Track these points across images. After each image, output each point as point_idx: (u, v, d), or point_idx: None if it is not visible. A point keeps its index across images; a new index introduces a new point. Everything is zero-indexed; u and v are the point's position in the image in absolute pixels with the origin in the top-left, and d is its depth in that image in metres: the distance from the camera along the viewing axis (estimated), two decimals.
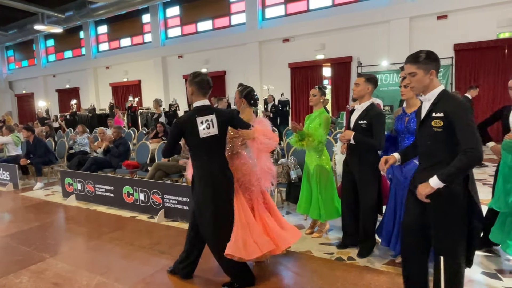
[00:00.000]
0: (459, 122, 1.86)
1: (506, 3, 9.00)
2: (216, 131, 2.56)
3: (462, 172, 1.88)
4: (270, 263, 3.12)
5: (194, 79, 2.58)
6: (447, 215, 1.97)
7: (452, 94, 2.00)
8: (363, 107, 3.04)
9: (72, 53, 19.61)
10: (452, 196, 1.94)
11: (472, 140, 1.82)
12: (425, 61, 1.98)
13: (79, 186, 5.42)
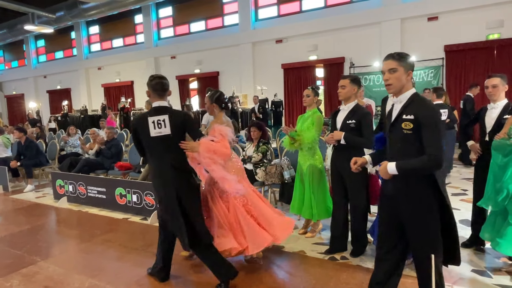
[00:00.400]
0: (427, 127, 1.89)
1: (494, 5, 9.15)
2: (169, 131, 2.58)
3: (417, 171, 1.93)
4: (263, 264, 3.12)
5: (150, 82, 2.68)
6: (417, 216, 1.98)
7: (423, 98, 2.02)
8: (349, 108, 3.07)
9: (63, 54, 19.41)
10: (420, 197, 1.97)
11: (436, 146, 1.86)
12: (406, 60, 2.00)
13: (71, 188, 5.37)
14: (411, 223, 2.01)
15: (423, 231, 1.99)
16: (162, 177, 2.62)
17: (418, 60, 10.05)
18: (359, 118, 2.98)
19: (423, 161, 1.88)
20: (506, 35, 9.16)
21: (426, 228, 1.98)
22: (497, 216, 2.70)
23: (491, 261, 2.98)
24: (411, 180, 1.97)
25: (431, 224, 1.98)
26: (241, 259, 3.19)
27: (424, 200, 1.97)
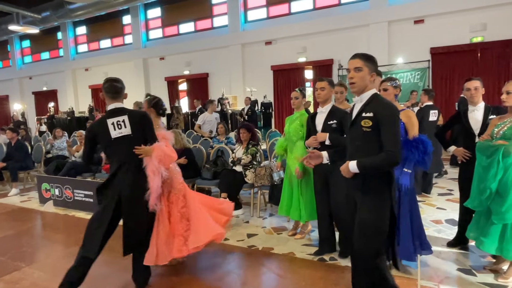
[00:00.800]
0: (386, 124, 1.94)
1: (478, 9, 9.37)
2: (129, 131, 2.57)
3: (376, 168, 1.98)
4: (252, 266, 3.12)
5: (103, 85, 2.66)
6: (371, 211, 2.03)
7: (383, 98, 2.07)
8: (328, 109, 3.12)
9: (49, 55, 19.06)
10: (376, 193, 2.03)
11: (393, 143, 1.91)
12: (372, 61, 2.06)
13: (57, 191, 5.27)
14: (363, 218, 2.05)
15: (373, 228, 2.02)
16: (121, 179, 2.56)
17: (405, 62, 10.24)
18: (339, 119, 3.02)
19: (381, 158, 1.94)
20: (489, 38, 9.39)
21: (377, 224, 2.02)
22: (481, 216, 2.76)
23: (476, 259, 3.04)
24: (367, 177, 2.03)
25: (382, 222, 2.03)
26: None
27: (378, 197, 2.02)
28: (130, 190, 2.56)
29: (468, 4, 9.39)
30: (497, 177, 2.52)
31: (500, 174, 2.52)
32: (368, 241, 2.03)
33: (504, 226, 2.57)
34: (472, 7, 9.37)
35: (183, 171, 4.81)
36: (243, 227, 4.14)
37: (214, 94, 13.41)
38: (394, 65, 10.29)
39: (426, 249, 2.80)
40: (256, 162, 4.59)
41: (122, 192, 2.55)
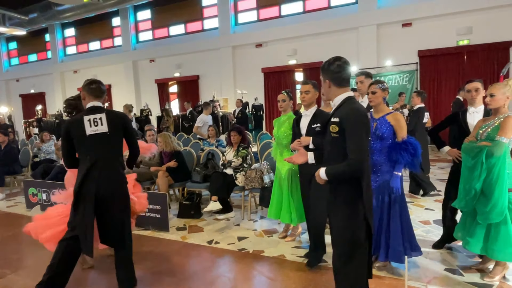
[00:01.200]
0: (349, 130, 1.87)
1: (464, 13, 9.57)
2: (106, 129, 2.56)
3: (341, 175, 1.92)
4: (242, 269, 3.11)
5: (89, 85, 2.66)
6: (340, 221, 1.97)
7: (353, 101, 1.98)
8: (312, 112, 3.08)
9: (37, 57, 18.78)
10: (344, 202, 1.95)
11: (355, 150, 1.84)
12: (324, 70, 2.05)
13: (44, 196, 5.18)
14: (334, 228, 2.01)
15: (344, 238, 1.95)
16: (95, 177, 2.52)
17: (393, 64, 10.37)
18: (323, 122, 2.99)
19: (345, 166, 1.87)
20: (475, 41, 9.59)
21: (347, 234, 1.94)
22: (467, 216, 2.81)
23: (463, 259, 3.09)
24: (338, 185, 1.98)
25: (353, 232, 1.93)
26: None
27: (349, 206, 1.94)
28: (106, 188, 2.53)
29: (454, 8, 9.58)
30: (481, 177, 2.57)
31: (484, 175, 2.57)
32: (339, 250, 1.99)
33: (488, 226, 2.62)
34: (458, 10, 9.57)
35: (173, 174, 4.83)
36: (234, 230, 4.13)
37: (205, 97, 13.38)
38: (383, 67, 10.42)
39: (415, 250, 2.83)
40: (247, 165, 4.59)
41: (97, 190, 2.52)
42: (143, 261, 3.36)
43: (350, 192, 1.93)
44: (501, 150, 2.52)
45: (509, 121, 2.56)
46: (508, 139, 2.55)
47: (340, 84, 2.01)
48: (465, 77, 9.74)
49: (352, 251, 1.94)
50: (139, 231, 4.19)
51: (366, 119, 1.91)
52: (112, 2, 12.64)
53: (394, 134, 2.78)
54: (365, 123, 1.89)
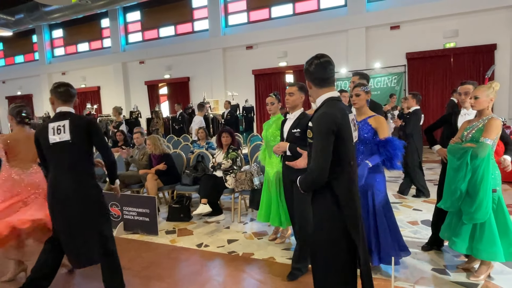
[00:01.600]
0: (314, 136, 1.77)
1: (450, 16, 9.75)
2: (68, 137, 2.45)
3: (305, 185, 1.81)
4: (231, 273, 3.10)
5: (57, 89, 2.56)
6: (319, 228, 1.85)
7: (329, 104, 1.84)
8: (296, 116, 2.92)
9: (24, 58, 18.46)
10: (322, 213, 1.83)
11: (314, 159, 1.73)
12: (305, 70, 1.93)
13: None
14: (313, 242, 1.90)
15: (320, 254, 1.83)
16: (60, 190, 2.46)
17: (382, 66, 10.50)
18: (304, 127, 2.71)
19: (306, 175, 1.77)
20: (461, 44, 9.77)
21: (324, 250, 1.81)
22: (453, 216, 2.86)
23: (449, 259, 3.13)
24: (313, 195, 1.86)
25: (329, 248, 1.81)
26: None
27: (324, 214, 1.81)
28: (69, 199, 2.44)
29: (441, 12, 9.75)
30: (466, 178, 2.62)
31: (469, 176, 2.61)
32: (313, 262, 1.92)
33: (474, 226, 2.67)
34: (445, 14, 9.74)
35: (163, 177, 4.80)
36: (224, 232, 4.11)
37: (196, 98, 13.34)
38: (372, 69, 10.54)
39: (404, 250, 2.86)
40: (237, 167, 4.58)
41: (61, 199, 2.46)
42: (132, 265, 3.32)
43: (325, 202, 1.80)
44: (485, 152, 2.57)
45: (492, 123, 2.63)
46: (492, 141, 2.61)
47: (320, 85, 1.88)
48: (451, 79, 9.93)
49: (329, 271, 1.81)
50: (128, 235, 4.14)
51: (336, 125, 1.72)
52: (101, 3, 12.50)
53: (375, 137, 2.80)
54: (333, 130, 1.71)
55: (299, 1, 11.93)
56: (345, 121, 1.76)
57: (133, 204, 4.17)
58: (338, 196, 1.75)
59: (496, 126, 2.62)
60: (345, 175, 1.78)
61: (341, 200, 1.75)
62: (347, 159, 1.79)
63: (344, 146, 1.76)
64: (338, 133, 1.72)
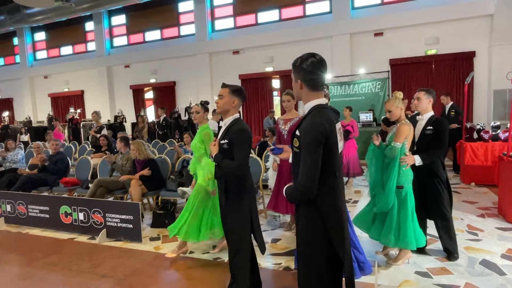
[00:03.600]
0: (302, 147, 1.64)
1: (432, 23, 10.02)
2: None
3: (292, 198, 1.73)
4: (217, 277, 3.07)
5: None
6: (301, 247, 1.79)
7: (319, 112, 1.68)
8: (226, 124, 2.51)
9: (4, 61, 17.97)
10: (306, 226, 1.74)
11: (303, 171, 1.61)
12: (296, 68, 1.74)
13: (9, 207, 4.92)
14: (297, 256, 1.84)
15: (304, 266, 1.76)
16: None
17: (366, 72, 10.67)
18: (230, 136, 2.42)
19: (293, 189, 1.68)
20: (442, 51, 10.05)
21: (307, 262, 1.74)
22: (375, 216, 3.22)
23: (432, 262, 3.19)
24: (299, 207, 1.78)
25: (312, 265, 1.72)
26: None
27: (306, 231, 1.73)
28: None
29: (423, 19, 10.01)
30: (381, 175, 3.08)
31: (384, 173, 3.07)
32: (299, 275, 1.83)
33: (381, 215, 3.09)
34: (426, 21, 10.00)
35: (147, 183, 4.73)
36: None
37: (182, 103, 13.24)
38: (356, 75, 10.71)
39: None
40: None
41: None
42: (114, 273, 3.24)
43: (309, 214, 1.70)
44: (393, 153, 2.95)
45: (400, 128, 2.98)
46: (400, 144, 2.94)
47: (313, 87, 1.72)
48: (433, 84, 10.17)
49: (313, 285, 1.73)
50: (111, 242, 4.05)
51: (324, 136, 1.61)
52: (85, 6, 12.31)
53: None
54: (320, 141, 1.60)
55: (285, 7, 12.04)
56: (332, 131, 1.66)
57: (116, 210, 4.09)
58: (323, 208, 1.67)
59: (403, 131, 2.95)
60: (331, 186, 1.69)
61: (325, 212, 1.67)
62: (333, 170, 1.69)
63: (331, 156, 1.66)
64: (325, 144, 1.63)
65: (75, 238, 4.29)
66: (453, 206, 4.71)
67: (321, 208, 1.66)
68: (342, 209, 1.75)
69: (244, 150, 2.40)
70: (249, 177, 2.52)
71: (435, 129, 3.04)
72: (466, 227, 4.01)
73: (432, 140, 3.05)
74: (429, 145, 3.04)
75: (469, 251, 3.38)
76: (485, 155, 5.93)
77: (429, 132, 3.07)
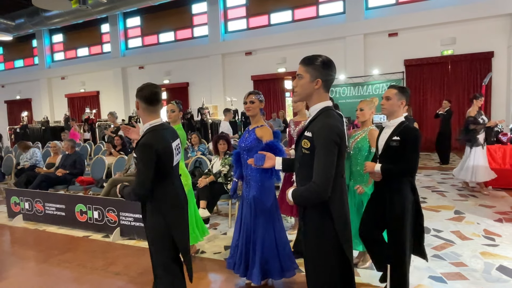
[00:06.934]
0: (318, 148, 1.60)
1: (448, 23, 9.83)
2: None
3: (303, 200, 1.68)
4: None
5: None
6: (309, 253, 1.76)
7: (329, 114, 1.68)
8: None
9: (24, 62, 18.50)
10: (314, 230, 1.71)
11: (319, 173, 1.58)
12: (316, 66, 1.68)
13: (27, 205, 5.06)
14: (306, 260, 1.80)
15: (314, 273, 1.73)
16: None
17: (380, 73, 10.55)
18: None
19: (306, 189, 1.62)
20: (458, 51, 9.84)
21: (317, 271, 1.72)
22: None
23: (446, 267, 3.12)
24: (306, 210, 1.74)
25: (324, 266, 1.70)
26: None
27: (317, 236, 1.70)
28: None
29: (438, 19, 9.83)
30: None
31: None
32: (307, 278, 1.79)
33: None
34: (442, 21, 9.82)
35: None
36: (221, 239, 4.10)
37: (194, 104, 13.35)
38: (370, 76, 10.59)
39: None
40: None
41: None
42: (128, 271, 3.30)
43: (318, 219, 1.68)
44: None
45: (372, 134, 2.90)
46: (374, 148, 2.77)
47: (328, 88, 1.73)
48: (449, 86, 9.99)
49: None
50: (124, 241, 4.12)
51: (339, 137, 1.61)
52: (101, 8, 12.58)
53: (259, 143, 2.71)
54: (337, 142, 1.60)
55: (298, 8, 12.02)
56: (344, 133, 1.67)
57: (130, 209, 4.16)
58: (333, 209, 1.66)
59: (375, 136, 2.68)
60: (340, 187, 1.69)
61: (335, 213, 1.66)
62: (342, 171, 1.70)
63: (341, 158, 1.66)
64: (339, 145, 1.62)
65: (89, 236, 4.38)
66: (470, 210, 4.67)
67: (332, 209, 1.65)
68: (348, 210, 1.77)
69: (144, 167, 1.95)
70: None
71: (402, 139, 2.30)
72: (482, 232, 3.92)
73: (397, 154, 2.32)
74: (393, 160, 2.32)
75: (485, 256, 3.30)
76: (503, 158, 5.78)
77: (394, 144, 2.32)
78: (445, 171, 7.38)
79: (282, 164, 1.98)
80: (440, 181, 6.57)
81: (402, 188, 2.32)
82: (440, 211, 4.73)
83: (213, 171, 4.61)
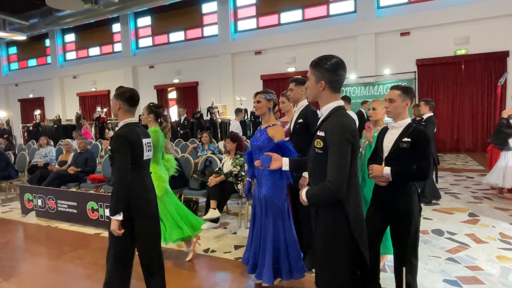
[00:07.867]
0: (331, 147, 1.62)
1: (461, 22, 9.66)
2: None
3: (318, 199, 1.68)
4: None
5: None
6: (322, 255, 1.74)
7: (342, 113, 1.69)
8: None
9: (37, 62, 18.82)
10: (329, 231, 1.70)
11: (334, 172, 1.58)
12: (320, 68, 1.71)
13: (40, 202, 5.14)
14: (317, 259, 1.79)
15: (327, 274, 1.72)
16: None
17: (392, 73, 10.42)
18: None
19: (321, 189, 1.62)
20: (472, 51, 9.66)
21: (330, 270, 1.71)
22: None
23: (461, 271, 3.06)
24: (319, 210, 1.74)
25: (336, 267, 1.69)
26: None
27: (329, 235, 1.69)
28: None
29: (452, 18, 9.66)
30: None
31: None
32: (319, 280, 1.78)
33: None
34: (455, 20, 9.65)
35: (170, 181, 4.79)
36: (230, 238, 4.09)
37: (204, 103, 13.39)
38: (381, 75, 10.47)
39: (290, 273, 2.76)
40: (245, 173, 4.56)
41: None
42: (137, 269, 3.30)
43: (332, 218, 1.68)
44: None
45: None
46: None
47: (336, 89, 1.74)
48: (462, 86, 9.81)
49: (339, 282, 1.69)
50: None
51: (352, 136, 1.62)
52: (112, 8, 12.71)
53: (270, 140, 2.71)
54: (350, 141, 1.61)
55: (308, 7, 11.95)
56: (356, 131, 1.68)
57: None
58: (348, 208, 1.66)
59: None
60: (355, 186, 1.70)
61: (350, 212, 1.66)
62: (356, 170, 1.71)
63: (354, 157, 1.67)
64: (353, 144, 1.64)
65: (101, 234, 4.42)
66: (485, 212, 4.58)
67: (346, 208, 1.65)
68: (362, 209, 1.77)
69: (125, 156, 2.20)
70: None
71: (413, 141, 2.19)
72: (498, 235, 3.82)
73: (407, 156, 2.21)
74: (402, 163, 2.21)
75: (502, 260, 3.22)
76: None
77: (405, 145, 2.21)
78: (458, 173, 7.25)
79: (290, 164, 1.98)
80: (453, 182, 6.46)
81: (410, 193, 2.23)
82: (454, 213, 4.64)
83: (224, 170, 4.60)
